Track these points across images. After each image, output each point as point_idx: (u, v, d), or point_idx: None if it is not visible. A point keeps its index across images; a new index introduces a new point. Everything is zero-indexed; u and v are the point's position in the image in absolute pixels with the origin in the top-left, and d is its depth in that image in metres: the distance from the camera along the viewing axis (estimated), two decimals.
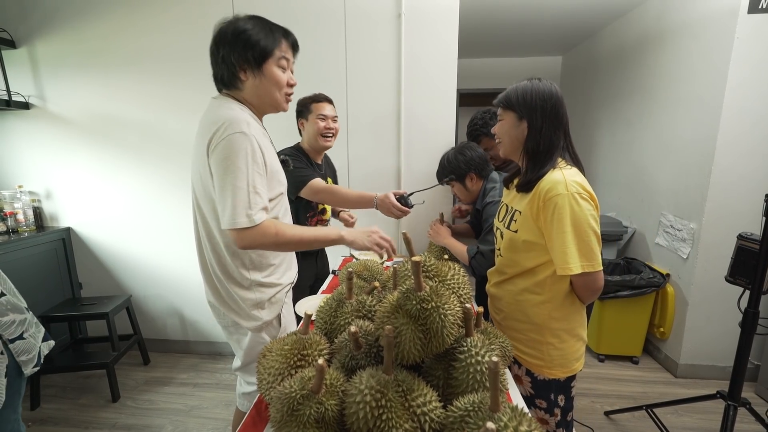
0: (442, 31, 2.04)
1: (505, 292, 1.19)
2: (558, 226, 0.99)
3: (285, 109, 1.15)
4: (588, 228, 0.98)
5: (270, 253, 1.17)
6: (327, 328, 0.99)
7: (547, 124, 1.05)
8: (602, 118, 3.38)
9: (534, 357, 1.13)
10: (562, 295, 1.08)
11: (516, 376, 1.18)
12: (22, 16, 2.26)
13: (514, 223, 1.11)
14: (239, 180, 0.96)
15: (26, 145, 2.43)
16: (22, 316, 1.19)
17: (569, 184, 0.99)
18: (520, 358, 1.16)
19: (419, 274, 0.71)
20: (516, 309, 1.15)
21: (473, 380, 0.73)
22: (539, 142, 1.05)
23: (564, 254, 0.98)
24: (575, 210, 0.97)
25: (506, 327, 1.20)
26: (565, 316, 1.09)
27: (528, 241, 1.07)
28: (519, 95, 1.07)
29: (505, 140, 1.13)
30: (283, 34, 1.08)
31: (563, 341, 1.11)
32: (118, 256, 2.55)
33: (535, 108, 1.05)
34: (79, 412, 2.07)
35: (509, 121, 1.10)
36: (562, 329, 1.10)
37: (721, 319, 2.22)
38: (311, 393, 0.69)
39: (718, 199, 2.11)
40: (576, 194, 0.98)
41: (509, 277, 1.17)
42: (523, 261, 1.10)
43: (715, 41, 2.08)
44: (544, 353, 1.11)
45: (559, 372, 1.11)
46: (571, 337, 1.11)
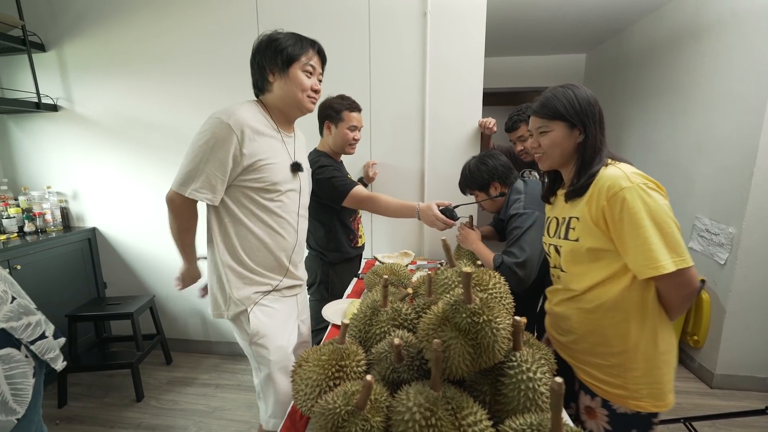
0: (468, 29, 1.99)
1: (574, 311, 1.05)
2: (632, 223, 0.87)
3: (310, 110, 1.23)
4: (668, 219, 0.87)
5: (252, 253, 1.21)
6: (361, 336, 0.96)
7: (598, 129, 0.99)
8: (630, 116, 3.26)
9: (615, 386, 0.97)
10: (647, 308, 0.94)
11: (587, 408, 1.05)
12: (51, 20, 2.30)
13: (572, 232, 1.01)
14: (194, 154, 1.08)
15: (54, 146, 2.47)
16: (35, 317, 1.19)
17: (631, 176, 0.90)
18: (596, 387, 1.01)
19: (470, 286, 0.67)
20: (591, 331, 1.01)
21: (525, 398, 0.69)
22: (596, 147, 0.99)
23: (649, 252, 0.85)
24: (648, 202, 0.87)
25: (578, 350, 1.06)
26: (652, 335, 0.95)
27: (593, 249, 0.96)
28: (566, 103, 0.99)
29: (555, 153, 1.03)
30: (311, 45, 1.18)
31: (653, 366, 0.95)
32: (141, 256, 2.58)
33: (587, 114, 0.98)
34: (105, 410, 2.10)
35: (560, 132, 1.01)
36: (651, 351, 0.95)
37: (762, 327, 2.11)
38: (356, 409, 0.65)
39: (760, 202, 2.00)
40: (642, 185, 0.88)
41: (578, 294, 1.03)
42: (592, 273, 0.98)
43: (758, 37, 1.97)
44: (629, 381, 0.95)
45: (648, 404, 0.95)
46: (665, 362, 0.96)
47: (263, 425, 1.26)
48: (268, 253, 1.21)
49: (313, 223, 1.77)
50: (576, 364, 1.07)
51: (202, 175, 1.08)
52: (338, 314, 1.46)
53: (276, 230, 1.21)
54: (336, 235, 1.79)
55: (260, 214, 1.18)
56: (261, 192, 1.16)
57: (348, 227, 1.84)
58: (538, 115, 1.04)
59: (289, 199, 1.23)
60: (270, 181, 1.16)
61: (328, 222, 1.77)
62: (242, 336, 1.22)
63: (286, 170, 1.21)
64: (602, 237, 0.94)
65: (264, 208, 1.18)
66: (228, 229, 1.17)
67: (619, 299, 0.95)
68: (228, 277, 1.18)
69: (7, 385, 1.04)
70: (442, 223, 1.48)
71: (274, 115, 1.21)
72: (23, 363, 1.10)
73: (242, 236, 1.17)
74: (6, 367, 1.06)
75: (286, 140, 1.24)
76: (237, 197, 1.15)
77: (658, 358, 0.95)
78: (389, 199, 1.61)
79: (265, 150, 1.14)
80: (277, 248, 1.22)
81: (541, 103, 1.04)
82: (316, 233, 1.80)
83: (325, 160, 1.70)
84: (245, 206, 1.16)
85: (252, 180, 1.14)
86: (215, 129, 1.07)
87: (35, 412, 1.14)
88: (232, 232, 1.17)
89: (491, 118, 2.04)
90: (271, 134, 1.18)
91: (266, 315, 1.22)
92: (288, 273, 1.29)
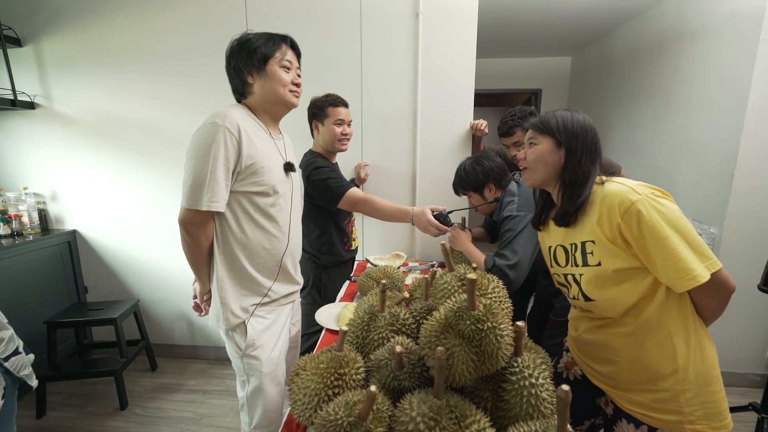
0: (460, 30, 1.99)
1: (612, 337, 0.97)
2: (654, 236, 0.83)
3: (295, 104, 1.21)
4: (686, 223, 0.84)
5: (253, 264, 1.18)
6: (359, 342, 0.94)
7: (586, 155, 0.98)
8: (613, 119, 3.33)
9: (668, 412, 0.90)
10: (688, 320, 0.89)
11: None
12: (28, 14, 2.21)
13: (591, 257, 0.94)
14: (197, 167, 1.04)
15: (31, 145, 2.37)
16: (8, 332, 1.14)
17: (637, 188, 0.87)
18: (643, 416, 0.94)
19: (474, 292, 0.66)
20: (635, 357, 0.94)
21: (527, 404, 0.68)
22: (578, 174, 0.97)
23: (681, 263, 0.81)
24: (662, 210, 0.83)
25: (622, 380, 0.98)
26: (700, 348, 0.89)
27: (620, 270, 0.90)
28: (559, 122, 1.00)
29: (539, 167, 1.03)
30: (282, 40, 1.16)
31: (705, 383, 0.88)
32: (124, 259, 2.50)
33: (576, 136, 0.98)
34: (87, 420, 2.02)
35: (546, 147, 1.01)
36: (701, 366, 0.88)
37: (743, 326, 2.18)
38: (358, 420, 0.64)
39: (741, 203, 2.06)
40: (651, 195, 0.86)
41: (615, 319, 0.96)
42: (625, 296, 0.91)
43: (739, 43, 2.03)
44: (683, 404, 0.88)
45: (706, 427, 0.88)
46: (716, 378, 0.89)
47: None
48: (268, 257, 1.19)
49: (307, 226, 1.75)
50: (618, 393, 1.00)
51: (212, 183, 1.04)
52: (332, 318, 1.44)
53: (273, 233, 1.19)
54: (330, 238, 1.77)
55: (258, 218, 1.15)
56: (259, 196, 1.13)
57: (342, 230, 1.82)
58: (532, 128, 1.05)
59: (284, 201, 1.21)
60: (268, 184, 1.13)
61: (323, 224, 1.76)
62: (234, 348, 1.19)
63: (281, 171, 1.19)
64: (625, 255, 0.89)
65: (262, 211, 1.15)
66: (227, 238, 1.14)
67: (659, 316, 0.90)
68: (225, 290, 1.14)
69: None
70: (436, 228, 1.47)
71: (260, 117, 1.19)
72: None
73: (242, 243, 1.14)
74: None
75: (277, 141, 1.22)
76: (235, 204, 1.12)
77: (709, 374, 0.89)
78: (383, 202, 1.59)
79: (261, 151, 1.12)
80: (276, 251, 1.20)
81: (539, 118, 1.04)
82: (310, 236, 1.78)
83: (321, 161, 1.68)
84: (245, 211, 1.13)
85: (250, 184, 1.11)
86: (214, 134, 1.03)
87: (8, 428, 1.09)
88: (231, 240, 1.14)
89: (483, 120, 2.04)
90: (263, 135, 1.16)
91: (262, 326, 1.20)
92: (288, 276, 1.27)
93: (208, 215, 1.08)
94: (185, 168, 1.06)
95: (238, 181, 1.09)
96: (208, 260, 1.15)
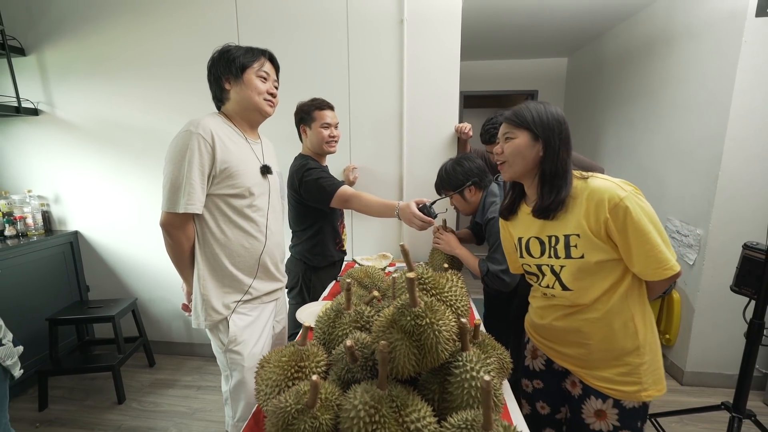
0: (444, 36, 2.03)
1: (583, 323, 1.04)
2: (637, 230, 0.90)
3: (268, 113, 1.27)
4: (659, 222, 0.93)
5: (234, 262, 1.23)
6: (325, 338, 0.99)
7: (563, 148, 1.00)
8: (607, 120, 3.35)
9: (630, 383, 1.00)
10: (644, 301, 1.01)
11: (599, 412, 1.05)
12: (30, 24, 2.30)
13: (575, 250, 0.99)
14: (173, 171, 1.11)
15: (35, 150, 2.47)
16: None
17: (621, 185, 0.94)
18: (609, 389, 1.02)
19: (414, 290, 0.71)
20: (603, 338, 1.01)
21: (468, 396, 0.73)
22: (557, 166, 0.99)
23: (660, 254, 0.90)
24: (644, 207, 0.92)
25: (592, 360, 1.05)
26: (651, 324, 1.01)
27: (601, 261, 0.96)
28: (534, 115, 1.00)
29: (517, 161, 1.04)
30: (261, 53, 1.23)
31: (655, 352, 1.01)
32: (123, 259, 2.59)
33: (553, 129, 0.99)
34: (86, 413, 2.11)
35: (523, 141, 1.02)
36: (653, 340, 1.01)
37: (728, 326, 2.19)
38: (306, 407, 0.69)
39: (725, 205, 2.08)
40: (634, 193, 0.93)
41: (586, 305, 1.03)
42: (598, 284, 0.99)
43: (722, 44, 2.05)
44: (642, 374, 0.99)
45: (654, 390, 1.00)
46: (658, 346, 1.03)
47: (229, 430, 1.29)
48: (248, 256, 1.24)
49: (299, 227, 1.80)
50: (587, 373, 1.06)
51: (188, 187, 1.10)
52: (312, 317, 1.49)
53: (251, 233, 1.24)
54: (324, 239, 1.81)
55: (235, 219, 1.20)
56: (235, 198, 1.19)
57: (336, 231, 1.87)
58: (507, 122, 1.05)
59: (261, 202, 1.26)
60: (243, 186, 1.19)
61: (317, 226, 1.78)
62: (217, 343, 1.24)
63: (257, 174, 1.24)
64: (605, 248, 0.95)
65: (239, 212, 1.20)
66: (207, 239, 1.19)
67: (623, 301, 0.99)
68: (207, 288, 1.20)
69: None
70: (419, 220, 1.44)
71: (236, 123, 1.25)
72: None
73: (222, 243, 1.20)
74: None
75: (253, 146, 1.27)
76: (213, 206, 1.18)
77: (657, 344, 1.02)
78: (372, 198, 1.59)
79: (235, 155, 1.18)
80: (254, 250, 1.25)
81: (513, 111, 1.05)
82: (302, 237, 1.81)
83: (312, 162, 1.71)
84: (222, 213, 1.19)
85: (226, 186, 1.17)
86: (188, 141, 1.10)
87: (2, 416, 1.16)
88: (211, 240, 1.19)
89: (467, 123, 2.08)
90: (238, 140, 1.22)
91: (244, 323, 1.25)
92: (269, 274, 1.32)
93: (186, 217, 1.14)
94: (163, 173, 1.12)
95: (214, 184, 1.15)
96: (191, 261, 1.21)
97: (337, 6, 2.07)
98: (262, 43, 1.31)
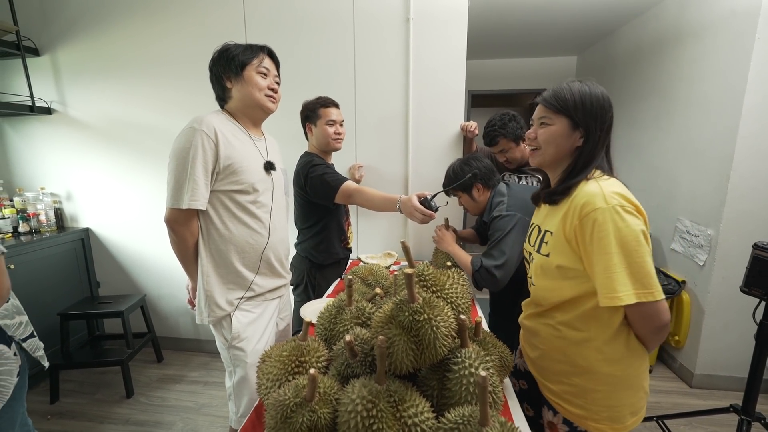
0: (450, 34, 2.03)
1: (541, 327, 1.01)
2: (600, 247, 0.82)
3: (271, 108, 1.28)
4: (639, 246, 0.80)
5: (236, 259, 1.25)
6: (327, 334, 1.00)
7: (603, 138, 0.91)
8: (617, 119, 3.25)
9: (576, 405, 0.94)
10: (613, 331, 0.89)
11: (550, 424, 1.03)
12: (44, 25, 2.36)
13: (545, 246, 0.96)
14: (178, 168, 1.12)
15: (48, 148, 2.53)
16: (25, 317, 1.24)
17: (609, 196, 0.83)
18: (557, 404, 0.99)
19: (412, 285, 0.71)
20: (554, 348, 0.98)
21: (466, 392, 0.73)
22: (593, 157, 0.91)
23: (610, 280, 0.81)
24: (620, 226, 0.81)
25: (542, 368, 1.03)
26: (619, 359, 0.89)
27: (563, 267, 0.91)
28: (577, 99, 0.89)
29: (550, 150, 0.94)
30: (260, 49, 1.23)
31: (616, 390, 0.91)
32: (133, 256, 2.63)
33: (596, 118, 0.89)
34: (95, 406, 2.15)
35: (560, 128, 0.92)
36: (617, 375, 0.90)
37: (739, 328, 2.15)
38: (304, 401, 0.70)
39: (737, 204, 2.04)
40: (618, 207, 0.82)
41: (546, 309, 1.00)
42: (561, 290, 0.93)
43: (735, 42, 2.01)
44: (589, 402, 0.92)
45: (608, 427, 0.92)
46: (628, 386, 0.91)
47: (232, 425, 1.31)
48: (252, 252, 1.26)
49: (305, 225, 1.81)
50: (541, 381, 1.05)
51: (191, 183, 1.11)
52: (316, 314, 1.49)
53: (255, 229, 1.25)
54: (329, 236, 1.82)
55: (240, 215, 1.22)
56: (239, 194, 1.20)
57: (342, 228, 1.88)
58: (544, 104, 0.94)
59: (265, 198, 1.27)
60: (247, 182, 1.20)
61: (323, 223, 1.79)
62: (221, 339, 1.26)
63: (260, 170, 1.25)
64: (573, 256, 0.89)
65: (243, 208, 1.22)
66: (211, 235, 1.21)
67: (584, 319, 0.91)
68: (211, 284, 1.21)
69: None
70: (420, 213, 1.41)
71: (240, 121, 1.27)
72: (11, 361, 1.15)
73: (226, 239, 1.21)
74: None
75: (257, 142, 1.29)
76: (217, 202, 1.19)
77: (622, 383, 0.91)
78: (374, 192, 1.58)
79: (239, 152, 1.19)
80: (258, 246, 1.27)
81: (552, 92, 0.94)
82: (307, 234, 1.82)
83: (318, 159, 1.72)
84: (226, 209, 1.20)
85: (230, 183, 1.18)
86: (191, 137, 1.11)
87: (20, 405, 1.19)
88: (215, 236, 1.21)
89: (472, 122, 2.08)
90: (242, 137, 1.23)
91: (248, 319, 1.27)
92: (272, 270, 1.33)
93: (190, 213, 1.15)
94: (168, 170, 1.14)
95: (218, 180, 1.16)
96: (195, 257, 1.23)
97: (343, 5, 2.07)
98: (270, 43, 1.32)
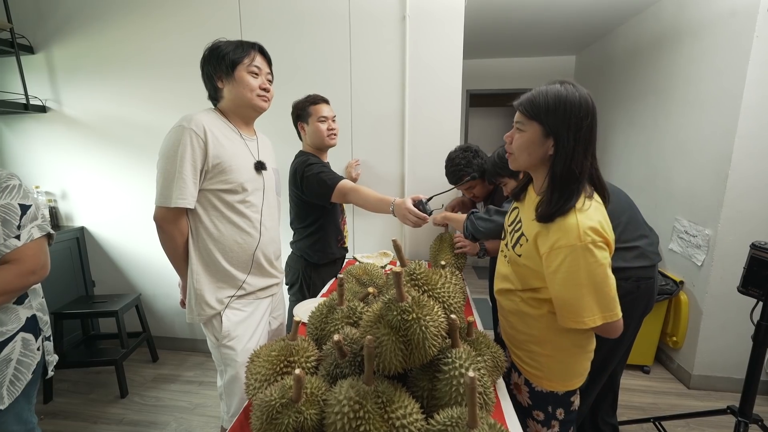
0: (447, 32, 2.01)
1: (507, 302, 1.11)
2: (569, 279, 0.86)
3: (263, 108, 1.26)
4: (606, 278, 0.85)
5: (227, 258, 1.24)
6: (318, 334, 0.99)
7: (580, 147, 0.87)
8: (616, 119, 3.29)
9: (532, 367, 1.06)
10: None
11: (515, 385, 1.14)
12: (39, 23, 2.34)
13: (519, 247, 1.01)
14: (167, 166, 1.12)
15: (43, 147, 2.51)
16: (47, 318, 1.23)
17: (583, 233, 0.84)
18: (521, 367, 1.10)
19: (401, 285, 0.70)
20: (518, 319, 1.08)
21: (456, 393, 0.72)
22: (570, 168, 0.87)
23: (576, 308, 0.87)
24: (590, 262, 0.84)
25: (510, 335, 1.14)
26: (568, 331, 0.98)
27: (531, 269, 0.97)
28: (550, 105, 0.87)
29: (523, 156, 0.94)
30: (251, 47, 1.21)
31: (566, 355, 1.02)
32: (128, 255, 2.62)
33: (569, 126, 0.86)
34: (89, 406, 2.13)
35: (532, 136, 0.90)
36: (565, 342, 1.01)
37: (737, 329, 2.13)
38: (291, 402, 0.69)
39: (735, 204, 2.03)
40: (590, 245, 0.83)
41: (511, 289, 1.08)
42: (528, 280, 1.00)
43: (734, 41, 2.00)
44: (543, 365, 1.04)
45: (558, 385, 1.05)
46: (576, 351, 1.02)
47: (224, 425, 1.29)
48: (241, 251, 1.24)
49: (301, 224, 1.80)
50: (509, 347, 1.15)
51: (179, 181, 1.11)
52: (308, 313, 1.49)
53: (245, 228, 1.24)
54: (325, 235, 1.81)
55: (228, 214, 1.21)
56: (228, 193, 1.19)
57: (338, 227, 1.86)
58: (519, 109, 0.93)
59: (255, 198, 1.26)
60: (236, 182, 1.19)
61: (320, 222, 1.78)
62: (211, 338, 1.25)
63: (250, 169, 1.24)
64: (537, 271, 0.96)
65: (232, 207, 1.21)
66: (200, 234, 1.20)
67: (543, 303, 1.00)
68: (201, 282, 1.20)
69: (13, 369, 1.06)
70: (414, 216, 1.38)
71: (232, 120, 1.25)
72: (33, 354, 1.13)
73: (215, 238, 1.20)
74: (23, 351, 1.09)
75: (248, 142, 1.27)
76: (206, 201, 1.18)
77: (569, 350, 1.02)
78: (370, 192, 1.54)
79: (229, 151, 1.18)
80: (248, 245, 1.25)
81: (528, 97, 0.91)
82: (303, 233, 1.81)
83: (313, 158, 1.71)
84: (215, 208, 1.19)
85: (219, 182, 1.17)
86: (180, 136, 1.11)
87: (28, 402, 1.16)
88: (204, 235, 1.20)
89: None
90: (232, 136, 1.22)
91: (238, 318, 1.25)
92: (263, 270, 1.32)
93: (179, 212, 1.14)
94: (157, 168, 1.13)
95: (206, 179, 1.15)
96: (185, 255, 1.22)
97: (339, 3, 2.06)
98: (265, 41, 1.31)
